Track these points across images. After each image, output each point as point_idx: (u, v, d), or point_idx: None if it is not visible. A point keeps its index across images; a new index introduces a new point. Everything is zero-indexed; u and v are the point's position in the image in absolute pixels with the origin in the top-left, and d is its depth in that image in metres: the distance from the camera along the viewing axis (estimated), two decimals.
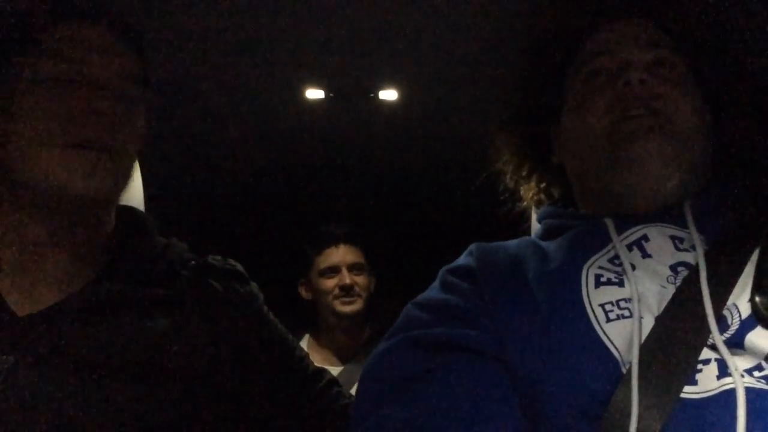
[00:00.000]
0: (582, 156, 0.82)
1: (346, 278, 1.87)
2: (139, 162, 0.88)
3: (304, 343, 1.94)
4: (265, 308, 0.92)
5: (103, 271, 0.79)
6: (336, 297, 1.86)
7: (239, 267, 0.92)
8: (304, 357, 0.95)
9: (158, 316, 0.78)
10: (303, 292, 1.98)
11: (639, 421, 0.59)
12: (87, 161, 0.73)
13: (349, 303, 1.86)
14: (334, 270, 1.89)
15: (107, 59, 0.77)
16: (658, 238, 0.74)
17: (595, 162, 0.80)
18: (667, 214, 0.76)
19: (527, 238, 0.86)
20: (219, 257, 0.91)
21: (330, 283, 1.88)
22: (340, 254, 1.90)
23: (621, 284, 0.70)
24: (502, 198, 1.00)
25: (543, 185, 0.96)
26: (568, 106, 0.85)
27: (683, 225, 0.75)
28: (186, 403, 0.75)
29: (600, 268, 0.73)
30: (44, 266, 0.76)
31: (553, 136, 0.90)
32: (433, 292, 0.80)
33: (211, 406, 0.78)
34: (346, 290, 1.86)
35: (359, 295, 1.88)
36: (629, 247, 0.74)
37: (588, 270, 0.72)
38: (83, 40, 0.77)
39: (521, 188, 0.98)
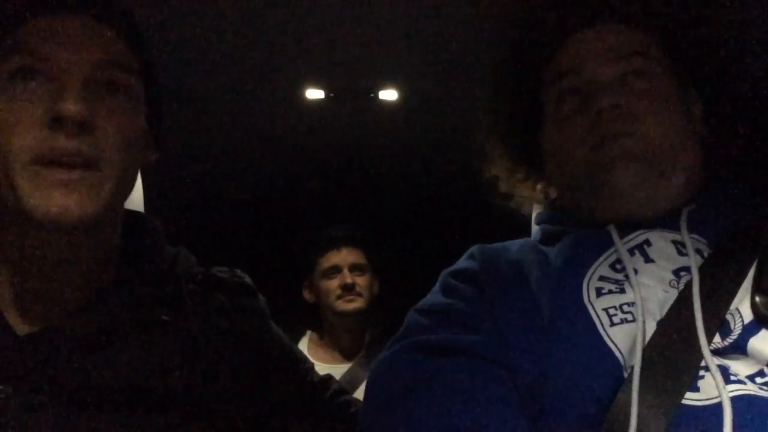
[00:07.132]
0: (564, 180, 0.82)
1: (347, 277, 1.90)
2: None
3: (306, 340, 1.97)
4: (271, 322, 0.90)
5: (108, 289, 0.74)
6: (338, 296, 1.89)
7: (247, 279, 0.88)
8: (310, 368, 0.94)
9: (160, 340, 0.74)
10: (307, 295, 2.01)
11: (639, 426, 0.59)
12: (60, 180, 0.63)
13: (351, 301, 1.89)
14: (335, 270, 1.92)
15: (83, 49, 0.65)
16: (660, 243, 0.73)
17: (577, 188, 0.79)
18: (667, 219, 0.75)
19: (528, 240, 0.86)
20: (226, 269, 0.87)
21: (332, 283, 1.91)
22: (342, 255, 1.93)
23: (622, 291, 0.70)
24: (497, 201, 0.99)
25: (541, 186, 0.95)
26: (548, 122, 0.83)
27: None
28: (189, 428, 0.72)
29: (601, 279, 0.72)
30: (47, 283, 0.71)
31: (540, 145, 0.88)
32: (434, 296, 0.80)
33: (217, 427, 0.76)
34: (348, 289, 1.89)
35: (360, 294, 1.91)
36: (631, 252, 0.73)
37: (589, 283, 0.72)
38: (53, 32, 0.65)
39: (518, 188, 0.97)
